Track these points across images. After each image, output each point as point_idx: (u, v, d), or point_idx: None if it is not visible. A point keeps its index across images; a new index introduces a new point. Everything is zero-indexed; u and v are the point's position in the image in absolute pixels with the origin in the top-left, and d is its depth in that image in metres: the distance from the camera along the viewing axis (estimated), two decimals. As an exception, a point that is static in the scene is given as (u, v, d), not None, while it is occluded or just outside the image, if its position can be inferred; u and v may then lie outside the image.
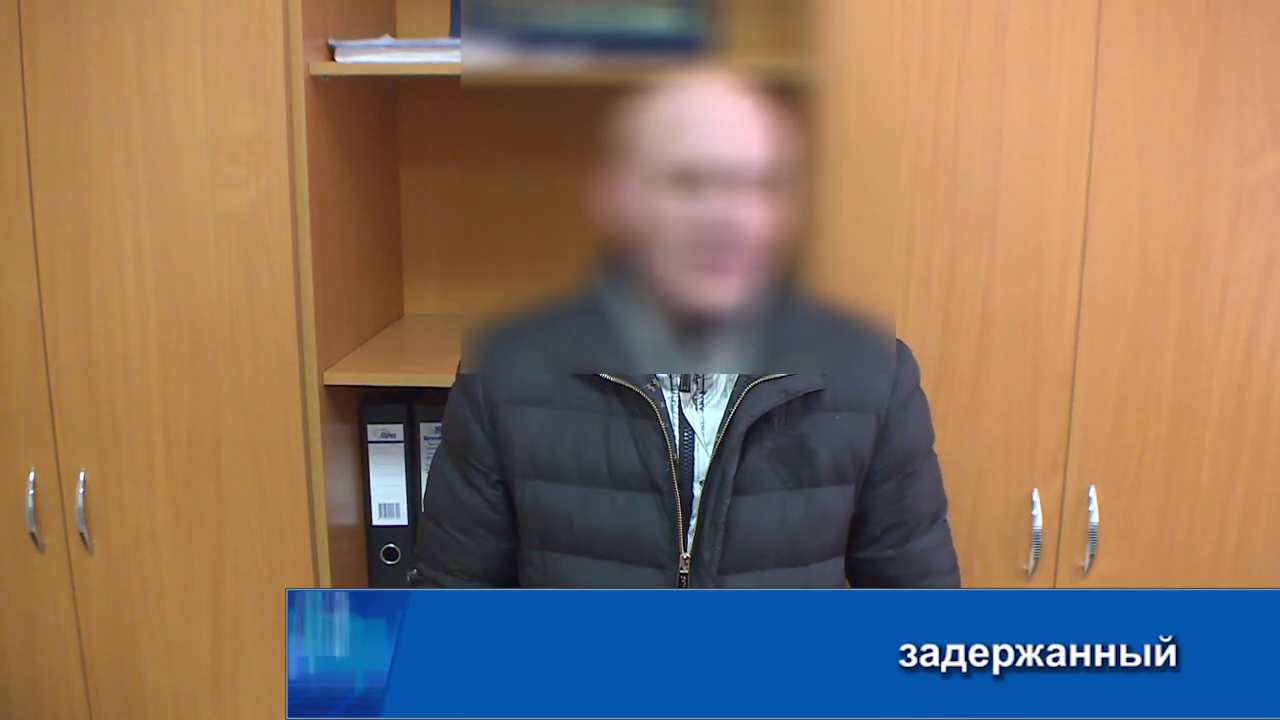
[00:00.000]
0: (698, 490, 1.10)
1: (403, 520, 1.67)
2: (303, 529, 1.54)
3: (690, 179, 1.02)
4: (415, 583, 1.26)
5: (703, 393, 1.11)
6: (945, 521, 1.24)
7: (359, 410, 1.66)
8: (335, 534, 1.58)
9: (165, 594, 1.58)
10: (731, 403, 1.09)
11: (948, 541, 1.24)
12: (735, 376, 1.10)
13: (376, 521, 1.68)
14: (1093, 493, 1.50)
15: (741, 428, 1.08)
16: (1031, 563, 1.51)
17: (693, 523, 1.10)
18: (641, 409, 1.09)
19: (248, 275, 1.48)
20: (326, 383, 1.53)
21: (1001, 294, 1.46)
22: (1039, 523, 1.50)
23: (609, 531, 1.10)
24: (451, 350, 1.23)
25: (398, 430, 1.65)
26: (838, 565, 1.17)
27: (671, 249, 1.03)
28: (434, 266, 1.90)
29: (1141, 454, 1.49)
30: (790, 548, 1.11)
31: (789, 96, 1.38)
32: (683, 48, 1.39)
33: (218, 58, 1.43)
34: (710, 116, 1.04)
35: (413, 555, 1.66)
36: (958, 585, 1.25)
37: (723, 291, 1.04)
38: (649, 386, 1.09)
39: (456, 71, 1.44)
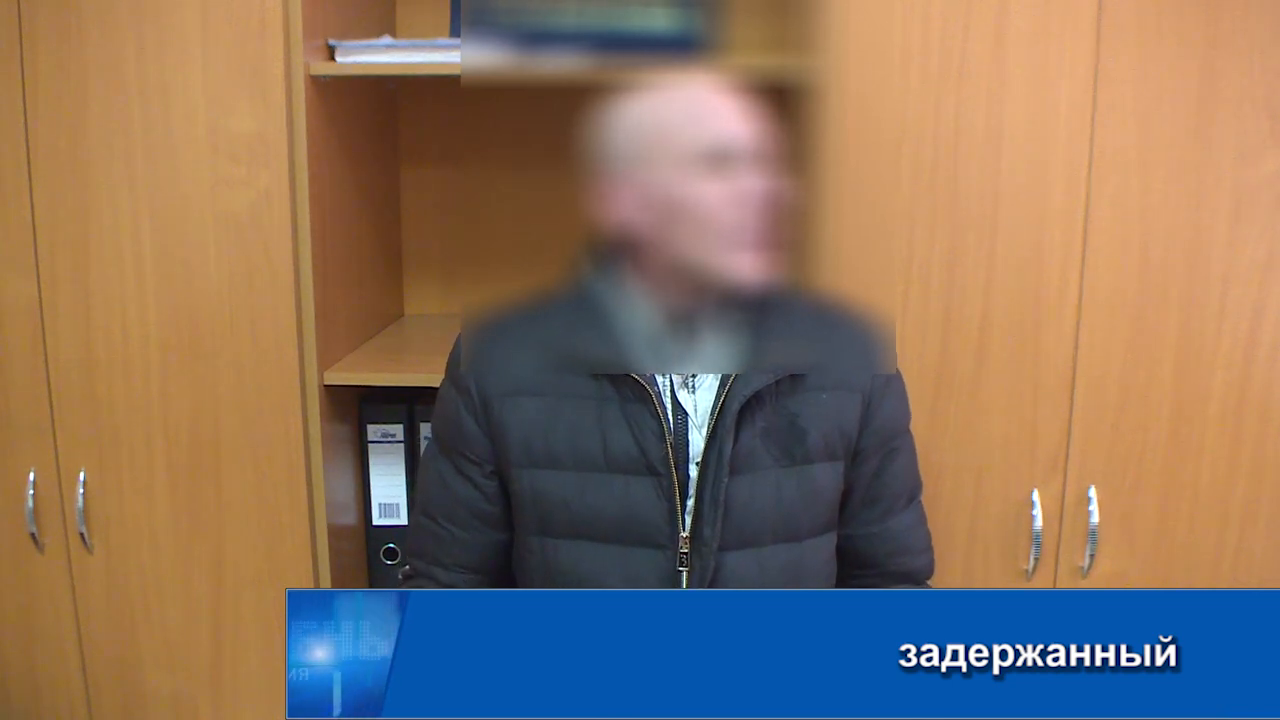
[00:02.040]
0: (693, 471, 1.12)
1: (403, 520, 1.67)
2: (303, 529, 1.54)
3: (724, 159, 1.07)
4: (406, 579, 1.27)
5: (694, 375, 1.13)
6: (920, 502, 1.27)
7: (359, 410, 1.66)
8: (335, 534, 1.58)
9: (165, 594, 1.58)
10: (722, 384, 1.12)
11: (923, 522, 1.27)
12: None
13: (376, 521, 1.68)
14: (1093, 493, 1.50)
15: (735, 407, 1.10)
16: (1031, 563, 1.51)
17: (690, 503, 1.12)
18: (635, 393, 1.11)
19: (248, 275, 1.48)
20: (326, 383, 1.53)
21: (1001, 294, 1.46)
22: (1039, 523, 1.50)
23: (607, 515, 1.12)
24: (450, 349, 1.23)
25: (398, 430, 1.65)
26: (830, 541, 1.20)
27: (709, 229, 1.08)
28: (434, 266, 1.90)
29: (1141, 454, 1.49)
30: (786, 524, 1.14)
31: (789, 96, 1.39)
32: (683, 48, 1.39)
33: (218, 58, 1.43)
34: (723, 103, 1.09)
35: (405, 552, 1.67)
36: (930, 565, 1.28)
37: (760, 268, 1.08)
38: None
39: (456, 71, 1.44)
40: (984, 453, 1.50)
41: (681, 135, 1.08)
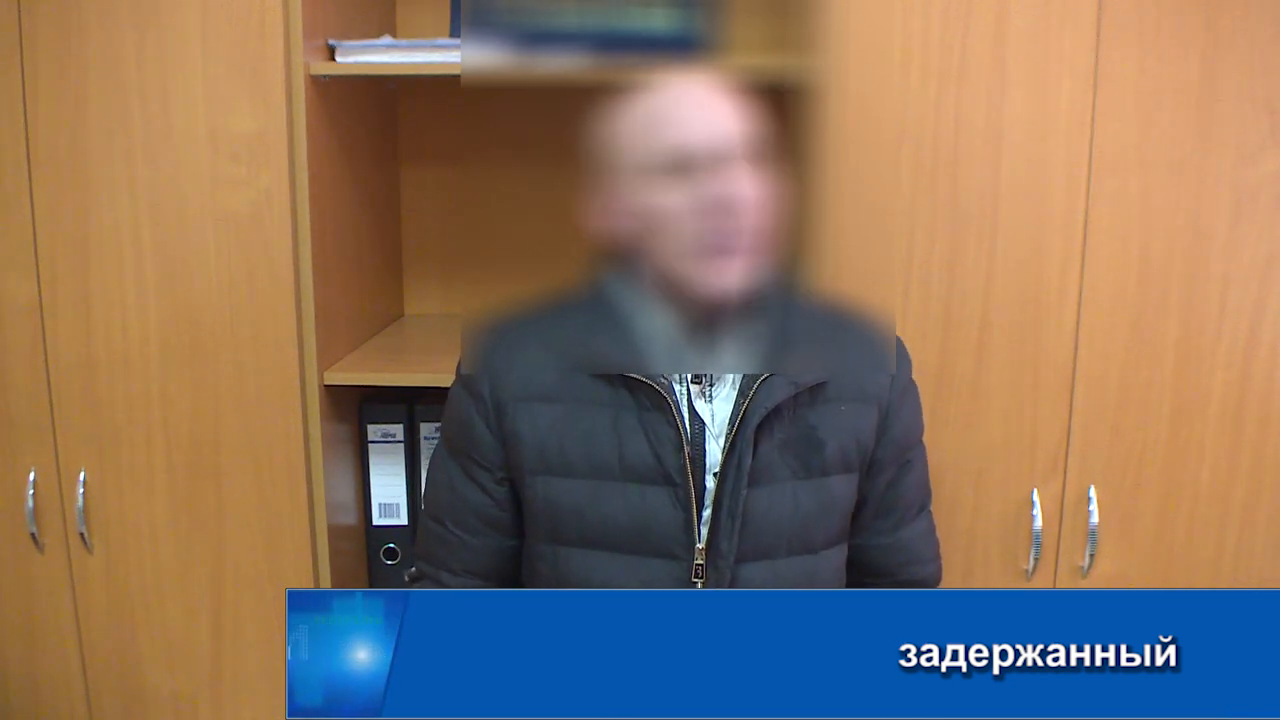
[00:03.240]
0: (710, 482, 1.11)
1: (403, 520, 1.67)
2: (303, 529, 1.54)
3: (682, 165, 1.04)
4: (414, 581, 1.26)
5: (711, 385, 1.12)
6: (930, 511, 1.27)
7: (359, 410, 1.66)
8: (335, 534, 1.58)
9: (165, 594, 1.58)
10: (742, 395, 1.10)
11: (932, 531, 1.27)
12: None
13: (376, 521, 1.68)
14: (1093, 493, 1.50)
15: (755, 419, 1.09)
16: (1031, 563, 1.51)
17: (706, 514, 1.11)
18: (653, 401, 1.10)
19: (248, 275, 1.48)
20: (326, 383, 1.53)
21: (1001, 294, 1.46)
22: (1039, 523, 1.50)
23: (621, 524, 1.11)
24: (451, 350, 1.23)
25: (398, 430, 1.65)
26: (843, 551, 1.19)
27: (677, 238, 1.05)
28: (434, 266, 1.90)
29: (1141, 454, 1.49)
30: (802, 536, 1.13)
31: (789, 96, 1.39)
32: (683, 48, 1.39)
33: (218, 58, 1.43)
34: (687, 104, 1.07)
35: (412, 555, 1.67)
36: (939, 574, 1.28)
37: (731, 275, 1.06)
38: (661, 379, 1.10)
39: (456, 71, 1.44)
40: (984, 453, 1.50)
41: (642, 144, 1.06)
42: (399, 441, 1.66)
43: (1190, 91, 1.40)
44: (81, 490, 1.55)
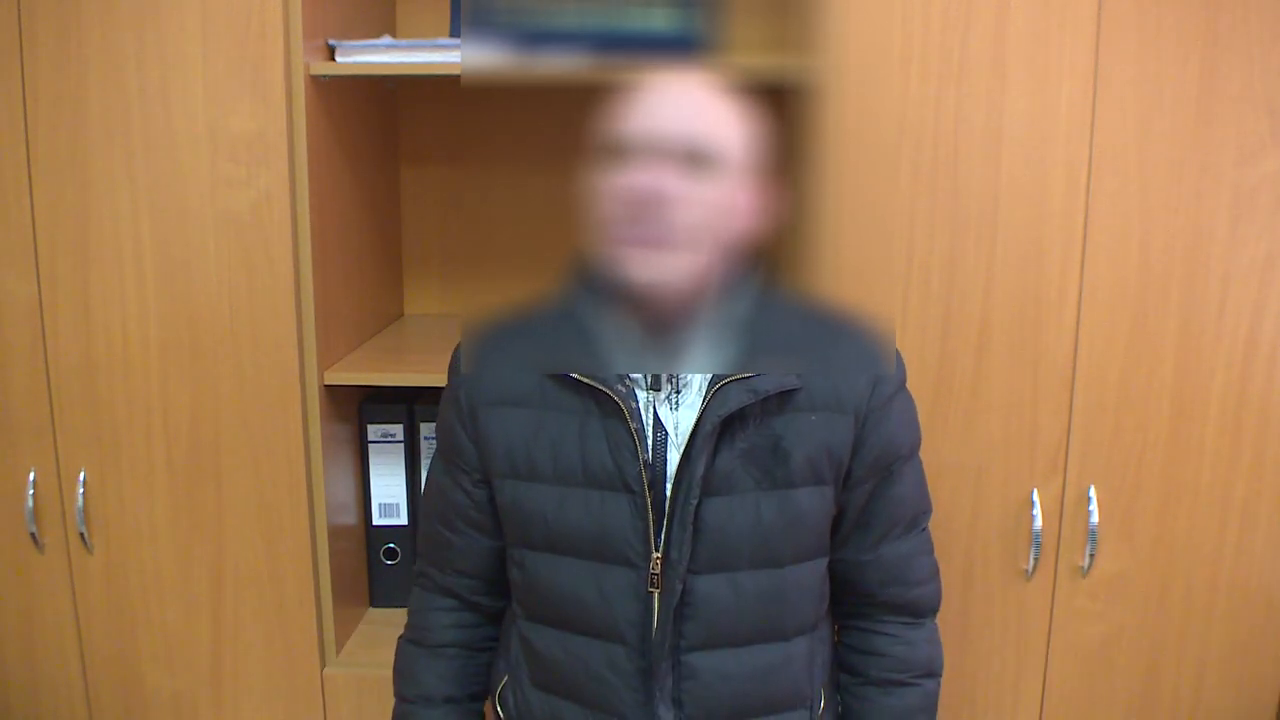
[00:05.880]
0: (670, 490, 1.09)
1: (403, 520, 1.67)
2: (303, 529, 1.54)
3: (619, 151, 1.04)
4: (416, 577, 1.28)
5: (677, 393, 1.11)
6: (925, 531, 1.22)
7: (359, 410, 1.66)
8: (335, 534, 1.58)
9: (165, 594, 1.58)
10: (705, 402, 1.08)
11: (925, 552, 1.22)
12: (709, 376, 1.10)
13: (376, 521, 1.68)
14: (1093, 492, 1.50)
15: (708, 428, 1.07)
16: (1031, 563, 1.51)
17: (665, 522, 1.09)
18: (614, 409, 1.09)
19: (248, 275, 1.48)
20: (326, 383, 1.54)
21: (1001, 294, 1.46)
22: (1039, 523, 1.50)
23: (583, 530, 1.11)
24: (451, 351, 1.24)
25: (398, 430, 1.65)
26: (817, 568, 1.16)
27: (604, 223, 1.05)
28: (434, 266, 1.91)
29: (1141, 454, 1.49)
30: (764, 549, 1.10)
31: (789, 96, 1.39)
32: (683, 48, 1.39)
33: (218, 58, 1.43)
34: (654, 98, 1.06)
35: (412, 555, 1.67)
36: (933, 596, 1.24)
37: (653, 267, 1.03)
38: (619, 387, 1.09)
39: (456, 71, 1.44)
40: (984, 453, 1.50)
41: (604, 129, 1.06)
42: (399, 441, 1.66)
43: (1190, 91, 1.40)
44: (81, 490, 1.55)
